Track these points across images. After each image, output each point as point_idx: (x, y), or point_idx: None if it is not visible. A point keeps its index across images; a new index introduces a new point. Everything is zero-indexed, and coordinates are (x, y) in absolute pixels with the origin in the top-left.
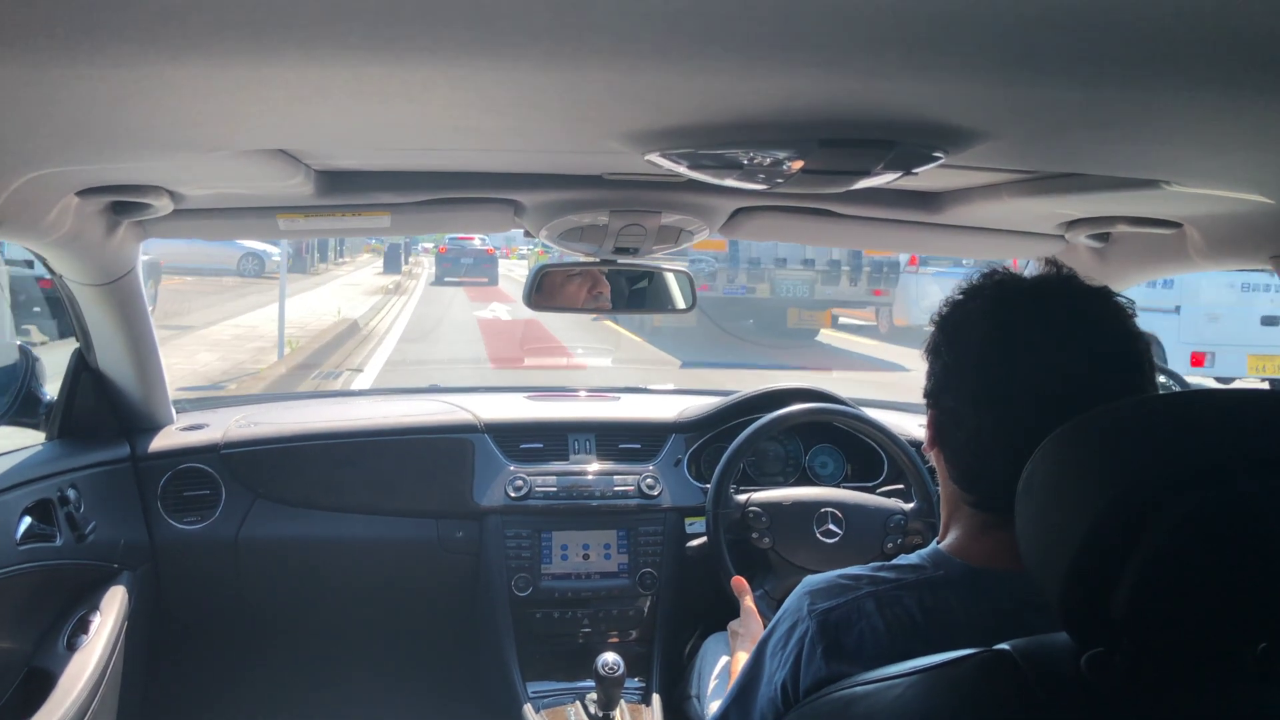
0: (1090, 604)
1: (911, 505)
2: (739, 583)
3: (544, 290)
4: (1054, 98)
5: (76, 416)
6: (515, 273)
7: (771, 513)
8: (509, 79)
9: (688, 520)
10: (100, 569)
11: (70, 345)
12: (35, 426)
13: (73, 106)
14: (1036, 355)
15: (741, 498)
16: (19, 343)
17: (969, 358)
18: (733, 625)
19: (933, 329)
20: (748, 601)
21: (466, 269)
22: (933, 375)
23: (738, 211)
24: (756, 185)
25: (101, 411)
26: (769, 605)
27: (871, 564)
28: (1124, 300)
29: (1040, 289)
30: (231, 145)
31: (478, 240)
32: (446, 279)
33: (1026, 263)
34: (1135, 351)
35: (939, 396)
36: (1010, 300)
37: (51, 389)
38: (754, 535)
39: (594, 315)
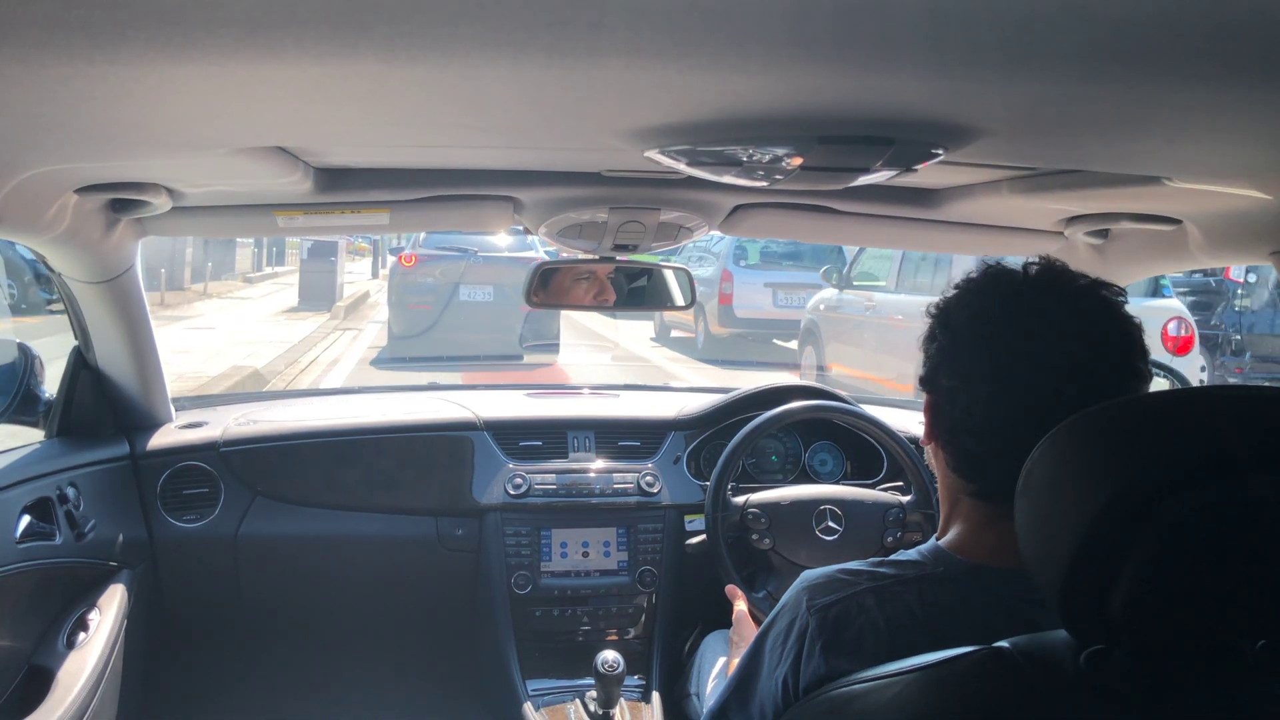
0: (1090, 601)
1: (909, 498)
2: (731, 590)
3: (544, 288)
4: (1053, 94)
5: (75, 414)
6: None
7: (770, 513)
8: (508, 76)
9: (687, 517)
10: (100, 567)
11: None
12: (34, 424)
13: (72, 104)
14: (1027, 329)
15: (740, 499)
16: (18, 341)
17: (963, 334)
18: (732, 634)
19: (929, 320)
20: (739, 605)
21: (473, 321)
22: (929, 360)
23: (737, 208)
24: (755, 182)
25: (100, 409)
26: (773, 606)
27: (870, 559)
28: (1116, 289)
29: (1031, 273)
30: (230, 143)
31: (503, 238)
32: (415, 341)
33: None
34: (1126, 331)
35: (935, 378)
36: (1003, 283)
37: (50, 387)
38: (754, 536)
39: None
